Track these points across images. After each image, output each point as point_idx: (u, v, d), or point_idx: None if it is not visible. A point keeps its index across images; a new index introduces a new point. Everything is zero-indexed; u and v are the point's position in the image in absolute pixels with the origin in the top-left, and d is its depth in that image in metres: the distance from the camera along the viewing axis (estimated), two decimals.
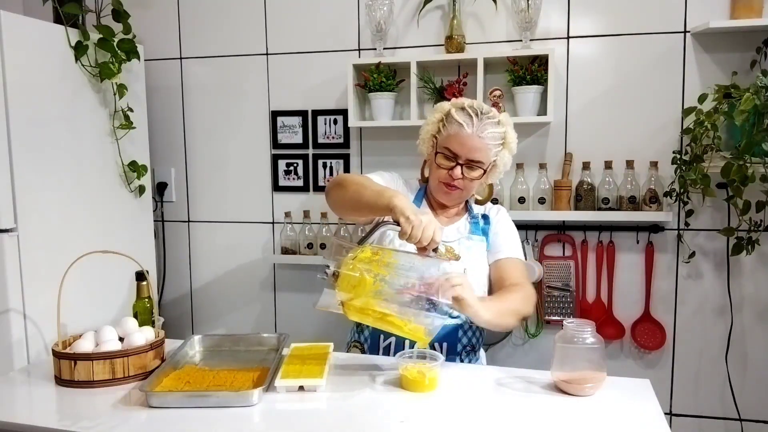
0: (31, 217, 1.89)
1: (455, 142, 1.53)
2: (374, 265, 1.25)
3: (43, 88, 1.94)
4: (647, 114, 2.14)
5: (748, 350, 2.16)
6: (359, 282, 1.22)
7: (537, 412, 1.18)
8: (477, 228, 1.64)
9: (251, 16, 2.46)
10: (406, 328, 1.25)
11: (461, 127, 1.53)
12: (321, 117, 2.43)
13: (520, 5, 2.09)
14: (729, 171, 1.85)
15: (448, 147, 1.54)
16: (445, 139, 1.56)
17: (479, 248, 1.61)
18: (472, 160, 1.53)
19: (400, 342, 1.52)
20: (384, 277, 1.24)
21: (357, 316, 1.29)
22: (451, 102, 1.63)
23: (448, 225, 1.63)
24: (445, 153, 1.55)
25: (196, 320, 2.68)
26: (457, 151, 1.53)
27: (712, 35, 2.06)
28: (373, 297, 1.23)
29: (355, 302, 1.24)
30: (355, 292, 1.23)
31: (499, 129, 1.56)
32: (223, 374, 1.34)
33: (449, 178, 1.55)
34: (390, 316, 1.24)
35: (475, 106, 1.56)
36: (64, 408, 1.26)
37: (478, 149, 1.53)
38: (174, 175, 2.62)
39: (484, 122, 1.53)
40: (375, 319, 1.27)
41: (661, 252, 2.19)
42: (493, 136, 1.54)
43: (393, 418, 1.15)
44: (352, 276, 1.22)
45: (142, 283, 1.59)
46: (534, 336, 2.29)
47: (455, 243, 1.58)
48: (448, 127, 1.55)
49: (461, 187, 1.56)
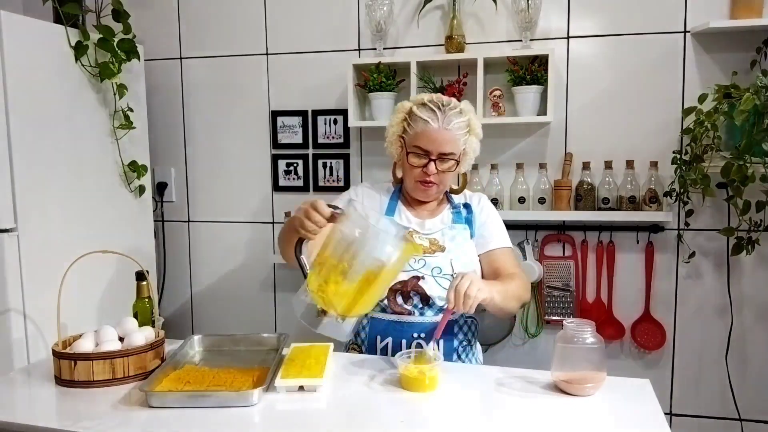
0: (31, 217, 1.89)
1: (424, 138, 1.53)
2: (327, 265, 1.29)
3: (43, 88, 1.94)
4: (647, 114, 2.14)
5: (748, 350, 2.16)
6: (324, 268, 1.27)
7: (537, 412, 1.18)
8: (459, 217, 1.64)
9: (251, 16, 2.46)
10: (389, 273, 1.29)
11: (427, 123, 1.53)
12: (321, 117, 2.43)
13: (520, 5, 2.09)
14: (729, 171, 1.85)
15: (418, 145, 1.54)
16: (413, 137, 1.56)
17: (463, 236, 1.61)
18: (444, 153, 1.54)
19: (397, 342, 1.53)
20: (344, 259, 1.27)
21: (345, 304, 1.29)
22: (410, 99, 1.64)
23: (431, 218, 1.64)
24: (416, 151, 1.55)
25: (196, 320, 2.68)
26: (428, 147, 1.53)
27: (712, 35, 2.06)
28: (340, 274, 1.26)
29: (331, 288, 1.26)
30: (323, 277, 1.27)
31: (463, 117, 1.57)
32: (223, 374, 1.34)
33: (424, 176, 1.55)
34: (368, 280, 1.26)
35: (435, 100, 1.57)
36: (64, 408, 1.25)
37: (448, 141, 1.53)
38: (174, 175, 2.62)
39: (448, 114, 1.54)
40: (360, 295, 1.27)
41: (661, 252, 2.19)
42: (459, 125, 1.55)
43: (393, 418, 1.15)
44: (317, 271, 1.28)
45: (142, 283, 1.58)
46: (534, 336, 2.29)
47: (438, 234, 1.60)
48: (414, 125, 1.56)
49: (437, 182, 1.57)
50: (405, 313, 1.53)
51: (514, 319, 2.27)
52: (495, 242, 1.64)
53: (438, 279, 1.53)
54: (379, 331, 1.55)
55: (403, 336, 1.52)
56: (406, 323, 1.53)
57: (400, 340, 1.52)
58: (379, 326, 1.55)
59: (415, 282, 1.53)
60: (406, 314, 1.53)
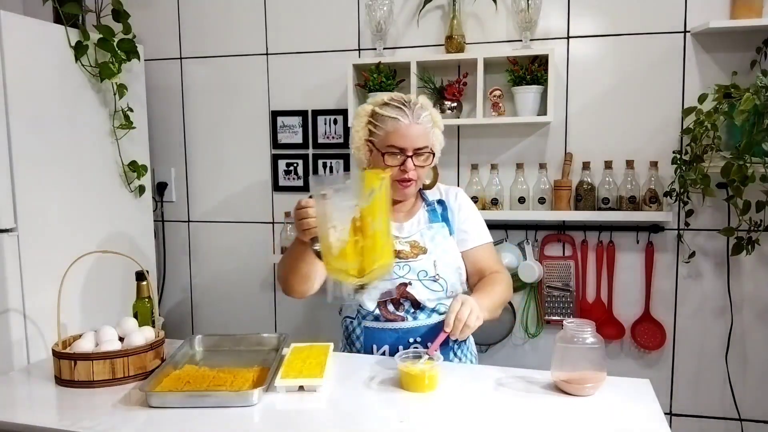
0: (31, 217, 1.89)
1: (397, 136, 1.51)
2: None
3: (43, 88, 1.94)
4: (647, 114, 2.14)
5: (748, 350, 2.16)
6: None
7: (537, 412, 1.18)
8: (435, 215, 1.63)
9: (251, 16, 2.46)
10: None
11: (397, 121, 1.52)
12: (321, 117, 2.43)
13: (520, 5, 2.09)
14: (729, 171, 1.85)
15: (392, 144, 1.52)
16: (385, 138, 1.53)
17: (442, 235, 1.60)
18: (419, 148, 1.53)
19: (394, 349, 1.52)
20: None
21: (354, 263, 1.26)
22: (369, 102, 1.61)
23: (408, 219, 1.63)
24: (391, 151, 1.52)
25: (196, 320, 2.68)
26: (402, 144, 1.51)
27: (712, 35, 2.06)
28: (333, 240, 1.24)
29: (335, 258, 1.24)
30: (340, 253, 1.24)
31: (427, 111, 1.57)
32: (223, 374, 1.34)
33: (402, 174, 1.53)
34: (359, 228, 1.24)
35: (397, 98, 1.56)
36: (64, 408, 1.25)
37: (420, 135, 1.53)
38: (174, 175, 2.62)
39: (414, 109, 1.53)
40: (361, 247, 1.25)
41: (661, 252, 2.19)
42: (426, 119, 1.55)
43: (393, 418, 1.15)
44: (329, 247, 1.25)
45: (142, 283, 1.58)
46: (534, 336, 2.29)
47: (417, 235, 1.59)
48: (382, 125, 1.53)
49: (415, 178, 1.55)
50: (398, 319, 1.53)
51: (514, 319, 2.27)
52: (475, 239, 1.63)
53: (425, 282, 1.53)
54: (375, 340, 1.55)
55: (399, 342, 1.53)
56: (401, 329, 1.53)
57: (396, 347, 1.52)
58: (374, 334, 1.55)
59: (404, 289, 1.52)
60: (399, 320, 1.53)
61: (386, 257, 1.29)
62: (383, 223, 1.25)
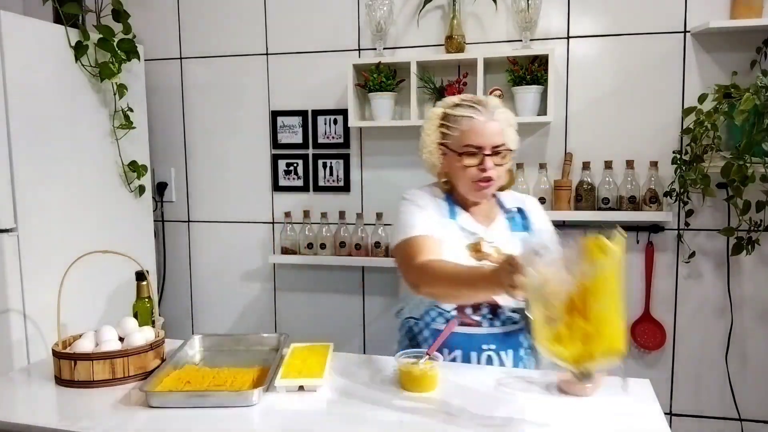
0: (31, 217, 1.89)
1: (474, 135, 1.47)
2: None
3: (43, 88, 1.94)
4: (647, 114, 2.14)
5: (748, 350, 2.16)
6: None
7: (537, 412, 1.18)
8: (516, 224, 1.58)
9: (251, 16, 2.46)
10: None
11: (473, 119, 1.47)
12: (321, 117, 2.43)
13: (520, 5, 2.09)
14: (729, 171, 1.85)
15: (469, 143, 1.47)
16: (461, 137, 1.48)
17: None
18: (497, 145, 1.47)
19: (466, 354, 1.47)
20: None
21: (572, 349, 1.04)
22: (440, 104, 1.58)
23: (491, 224, 1.56)
24: (469, 150, 1.47)
25: (196, 320, 2.68)
26: (480, 142, 1.46)
27: (712, 35, 2.06)
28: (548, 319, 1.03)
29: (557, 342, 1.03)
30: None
31: (502, 108, 1.53)
32: (223, 374, 1.34)
33: (481, 173, 1.47)
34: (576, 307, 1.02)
35: (467, 98, 1.54)
36: (64, 408, 1.25)
37: (497, 132, 1.48)
38: (174, 175, 2.62)
39: (488, 106, 1.49)
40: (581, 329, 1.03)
41: (661, 252, 2.19)
42: (501, 115, 1.51)
43: (393, 418, 1.15)
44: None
45: (142, 283, 1.58)
46: None
47: (500, 242, 1.50)
48: (456, 125, 1.49)
49: (495, 178, 1.49)
50: (473, 324, 1.48)
51: None
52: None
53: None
54: (447, 344, 1.47)
55: (471, 348, 1.48)
56: (474, 335, 1.48)
57: (469, 353, 1.47)
58: (448, 338, 1.46)
59: None
60: (475, 325, 1.48)
61: (614, 345, 1.02)
62: (610, 304, 1.00)
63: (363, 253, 2.33)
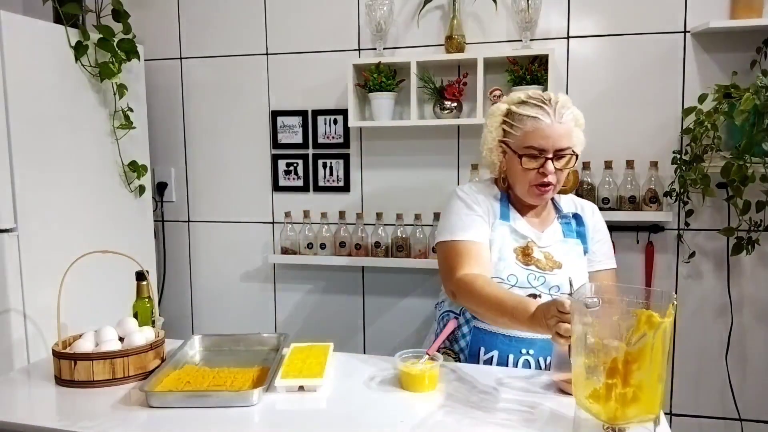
0: (31, 217, 1.89)
1: (537, 137, 1.40)
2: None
3: (43, 88, 1.94)
4: (647, 114, 2.14)
5: (748, 350, 2.16)
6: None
7: (537, 412, 1.18)
8: (570, 230, 1.54)
9: (251, 16, 2.46)
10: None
11: (538, 120, 1.41)
12: (321, 117, 2.43)
13: (520, 5, 2.09)
14: (729, 171, 1.85)
15: (531, 145, 1.41)
16: (523, 138, 1.43)
17: (576, 252, 1.50)
18: (560, 149, 1.41)
19: (504, 356, 1.44)
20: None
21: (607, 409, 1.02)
22: (504, 101, 1.52)
23: (545, 229, 1.52)
24: (530, 152, 1.42)
25: (196, 320, 2.68)
26: (543, 145, 1.40)
27: (712, 35, 2.06)
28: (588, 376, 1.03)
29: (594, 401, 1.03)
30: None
31: (570, 109, 1.45)
32: (223, 374, 1.34)
33: (541, 177, 1.42)
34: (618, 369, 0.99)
35: (535, 96, 1.46)
36: (64, 408, 1.25)
37: (563, 136, 1.41)
38: (174, 175, 2.62)
39: (556, 107, 1.42)
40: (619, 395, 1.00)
41: (661, 252, 2.19)
42: (569, 117, 1.44)
43: (393, 418, 1.15)
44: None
45: (142, 283, 1.58)
46: None
47: (551, 248, 1.49)
48: (520, 125, 1.43)
49: (555, 183, 1.45)
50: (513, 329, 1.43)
51: None
52: (605, 262, 1.56)
53: (555, 298, 1.41)
54: (484, 343, 1.46)
55: (510, 350, 1.45)
56: (515, 338, 1.44)
57: (507, 355, 1.45)
58: (485, 337, 1.46)
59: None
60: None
61: (650, 410, 1.01)
62: (652, 371, 0.98)
63: (363, 253, 2.33)
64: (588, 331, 1.02)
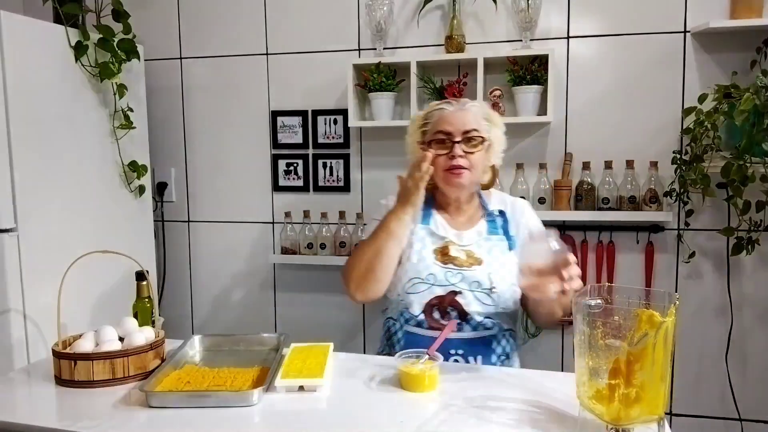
0: (31, 217, 1.89)
1: (443, 123, 1.52)
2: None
3: (43, 88, 1.94)
4: (647, 114, 2.14)
5: (748, 350, 2.16)
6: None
7: (540, 412, 1.18)
8: (495, 227, 1.58)
9: (251, 16, 2.46)
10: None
11: (443, 110, 1.53)
12: (321, 117, 2.43)
13: (520, 5, 2.09)
14: (729, 171, 1.85)
15: (439, 130, 1.52)
16: (432, 128, 1.54)
17: (500, 248, 1.54)
18: (467, 131, 1.50)
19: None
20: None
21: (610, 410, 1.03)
22: (421, 111, 1.65)
23: (468, 229, 1.57)
24: (438, 137, 1.52)
25: (196, 320, 2.68)
26: (449, 129, 1.51)
27: (712, 35, 2.06)
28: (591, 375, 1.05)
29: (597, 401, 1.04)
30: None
31: (478, 104, 1.58)
32: (223, 374, 1.34)
33: (451, 160, 1.50)
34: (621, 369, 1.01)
35: (445, 101, 1.59)
36: (64, 408, 1.25)
37: (468, 120, 1.51)
38: (174, 175, 2.62)
39: (461, 101, 1.56)
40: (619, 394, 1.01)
41: (661, 252, 2.19)
42: (476, 109, 1.55)
43: (393, 418, 1.15)
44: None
45: (142, 283, 1.58)
46: (534, 336, 2.29)
47: (474, 245, 1.54)
48: (431, 120, 1.55)
49: (467, 166, 1.50)
50: (442, 328, 1.47)
51: None
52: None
53: (477, 294, 1.49)
54: (415, 346, 1.46)
55: (439, 351, 1.44)
56: (445, 340, 1.45)
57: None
58: (415, 340, 1.49)
59: (452, 297, 1.49)
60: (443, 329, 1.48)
61: (653, 410, 1.02)
62: (655, 371, 0.99)
63: None
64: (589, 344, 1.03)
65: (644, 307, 1.03)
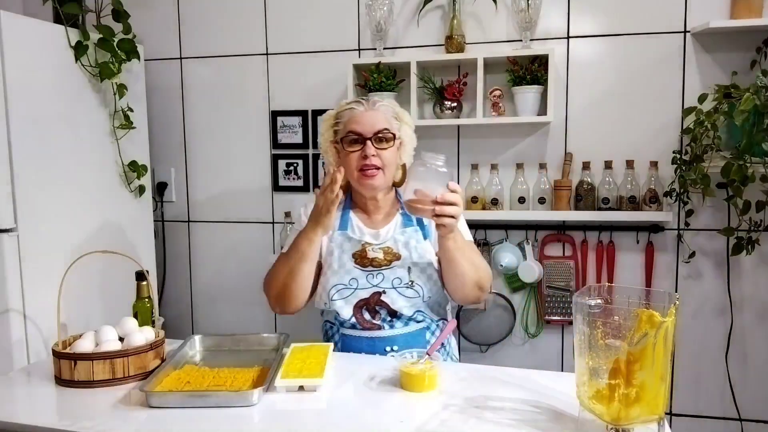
0: (31, 217, 1.89)
1: (354, 123, 1.53)
2: None
3: (43, 88, 1.94)
4: (647, 114, 2.14)
5: (748, 350, 2.16)
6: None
7: (540, 412, 1.18)
8: (409, 219, 1.60)
9: (251, 16, 2.46)
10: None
11: (353, 110, 1.55)
12: (321, 117, 2.42)
13: (520, 5, 2.09)
14: (729, 171, 1.85)
15: (351, 130, 1.53)
16: (344, 128, 1.55)
17: (415, 239, 1.57)
18: (378, 131, 1.52)
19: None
20: None
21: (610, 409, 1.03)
22: (330, 110, 1.65)
23: (384, 226, 1.60)
24: (350, 137, 1.53)
25: (196, 320, 2.68)
26: (360, 129, 1.52)
27: (712, 35, 2.06)
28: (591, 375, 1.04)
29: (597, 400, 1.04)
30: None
31: (387, 102, 1.60)
32: (223, 374, 1.34)
33: (364, 160, 1.51)
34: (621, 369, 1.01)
35: (355, 99, 1.61)
36: (64, 408, 1.25)
37: (378, 120, 1.53)
38: (174, 175, 2.62)
39: (371, 101, 1.57)
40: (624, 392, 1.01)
41: (661, 252, 2.19)
42: (385, 108, 1.57)
43: (393, 418, 1.15)
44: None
45: (142, 283, 1.58)
46: (534, 336, 2.29)
47: (390, 241, 1.56)
48: (342, 120, 1.56)
49: (380, 165, 1.52)
50: (375, 327, 1.53)
51: (514, 319, 2.27)
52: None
53: (400, 290, 1.52)
54: (352, 348, 1.55)
55: (375, 350, 1.53)
56: (377, 338, 1.53)
57: (374, 354, 1.52)
58: (351, 342, 1.55)
59: (377, 297, 1.52)
60: (377, 329, 1.54)
61: (653, 410, 1.02)
62: (655, 371, 1.00)
63: None
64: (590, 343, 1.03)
65: (644, 307, 1.03)
